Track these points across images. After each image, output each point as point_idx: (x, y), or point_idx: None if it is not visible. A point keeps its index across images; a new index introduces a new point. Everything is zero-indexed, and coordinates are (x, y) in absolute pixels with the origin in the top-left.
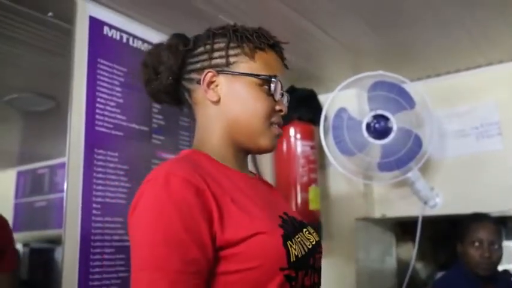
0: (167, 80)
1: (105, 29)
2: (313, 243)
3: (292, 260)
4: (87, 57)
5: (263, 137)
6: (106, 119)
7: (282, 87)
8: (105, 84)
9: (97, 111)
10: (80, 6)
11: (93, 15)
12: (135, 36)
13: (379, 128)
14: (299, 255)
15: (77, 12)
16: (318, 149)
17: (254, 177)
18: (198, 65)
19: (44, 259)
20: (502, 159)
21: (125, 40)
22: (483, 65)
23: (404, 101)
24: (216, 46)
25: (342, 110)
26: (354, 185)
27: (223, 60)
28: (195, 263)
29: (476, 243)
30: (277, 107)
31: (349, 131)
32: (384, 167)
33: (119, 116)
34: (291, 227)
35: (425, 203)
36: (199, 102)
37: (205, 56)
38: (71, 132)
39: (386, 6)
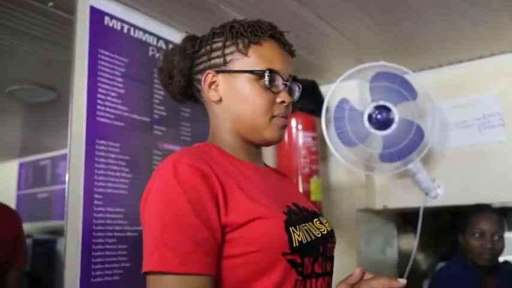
0: (180, 82)
1: (106, 19)
2: (324, 232)
3: (294, 245)
4: (88, 48)
5: (266, 130)
6: (107, 109)
7: (282, 78)
8: (106, 75)
9: (98, 102)
10: None
11: (94, 5)
12: (136, 27)
13: (381, 119)
14: (303, 242)
15: (77, 2)
16: (320, 140)
17: (266, 169)
18: (201, 66)
19: (46, 250)
20: (504, 150)
21: (126, 30)
22: (486, 56)
23: (406, 91)
24: (214, 46)
25: (343, 101)
26: (356, 176)
27: (220, 60)
28: (205, 243)
29: (478, 234)
30: (278, 99)
31: (350, 121)
32: (386, 158)
33: (120, 107)
34: (297, 216)
35: (427, 194)
36: (207, 101)
37: (205, 57)
38: (72, 124)
39: None
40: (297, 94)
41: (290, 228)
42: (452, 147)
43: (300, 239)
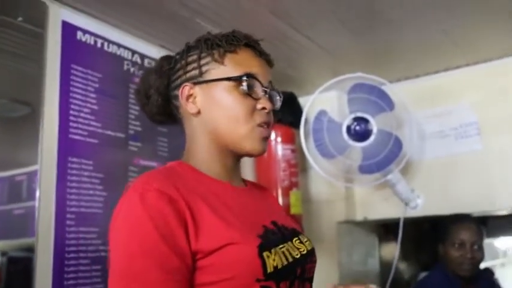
0: (157, 102)
1: (79, 34)
2: (304, 252)
3: (269, 271)
4: (59, 63)
5: (248, 140)
6: (80, 126)
7: (261, 83)
8: (79, 91)
9: (71, 118)
10: (52, 10)
11: (66, 19)
12: (110, 41)
13: (360, 131)
14: (279, 266)
15: (48, 16)
16: (299, 152)
17: (243, 187)
18: (178, 81)
19: (22, 268)
20: (481, 159)
21: (99, 45)
22: (462, 66)
23: (384, 103)
24: (190, 59)
25: (321, 113)
26: (335, 188)
27: (196, 72)
28: (176, 272)
29: (458, 244)
30: (259, 106)
31: (329, 133)
32: (365, 169)
33: (93, 123)
34: (274, 237)
35: (407, 204)
36: (185, 116)
37: (181, 72)
38: (44, 140)
39: (364, 9)
40: (278, 103)
41: (264, 253)
42: (430, 157)
43: (275, 264)
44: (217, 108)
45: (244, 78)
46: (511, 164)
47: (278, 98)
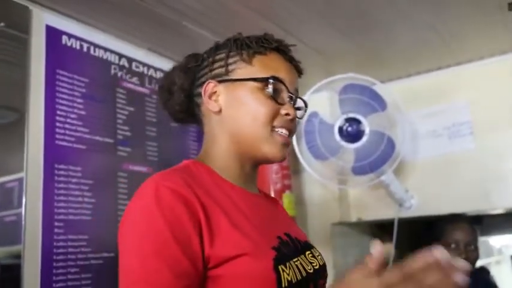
0: (180, 98)
1: (64, 38)
2: (316, 267)
3: (284, 285)
4: (44, 68)
5: (267, 143)
6: (67, 132)
7: (288, 89)
8: (65, 96)
9: (57, 124)
10: (35, 15)
11: (50, 24)
12: (96, 45)
13: (352, 131)
14: (293, 281)
15: (32, 21)
16: (291, 154)
17: (258, 195)
18: (203, 79)
19: (15, 275)
20: (475, 158)
21: (85, 49)
22: (453, 65)
23: (376, 103)
24: (217, 57)
25: (312, 115)
26: (329, 190)
27: (222, 70)
28: (185, 277)
29: (453, 245)
30: (283, 111)
31: (321, 135)
32: (358, 170)
33: (80, 129)
34: (289, 249)
35: (401, 205)
36: (206, 114)
37: (207, 69)
38: (29, 147)
39: (353, 9)
40: (302, 113)
41: (279, 267)
42: (423, 156)
43: (289, 278)
44: (239, 107)
45: (271, 80)
46: (505, 162)
47: (303, 107)
